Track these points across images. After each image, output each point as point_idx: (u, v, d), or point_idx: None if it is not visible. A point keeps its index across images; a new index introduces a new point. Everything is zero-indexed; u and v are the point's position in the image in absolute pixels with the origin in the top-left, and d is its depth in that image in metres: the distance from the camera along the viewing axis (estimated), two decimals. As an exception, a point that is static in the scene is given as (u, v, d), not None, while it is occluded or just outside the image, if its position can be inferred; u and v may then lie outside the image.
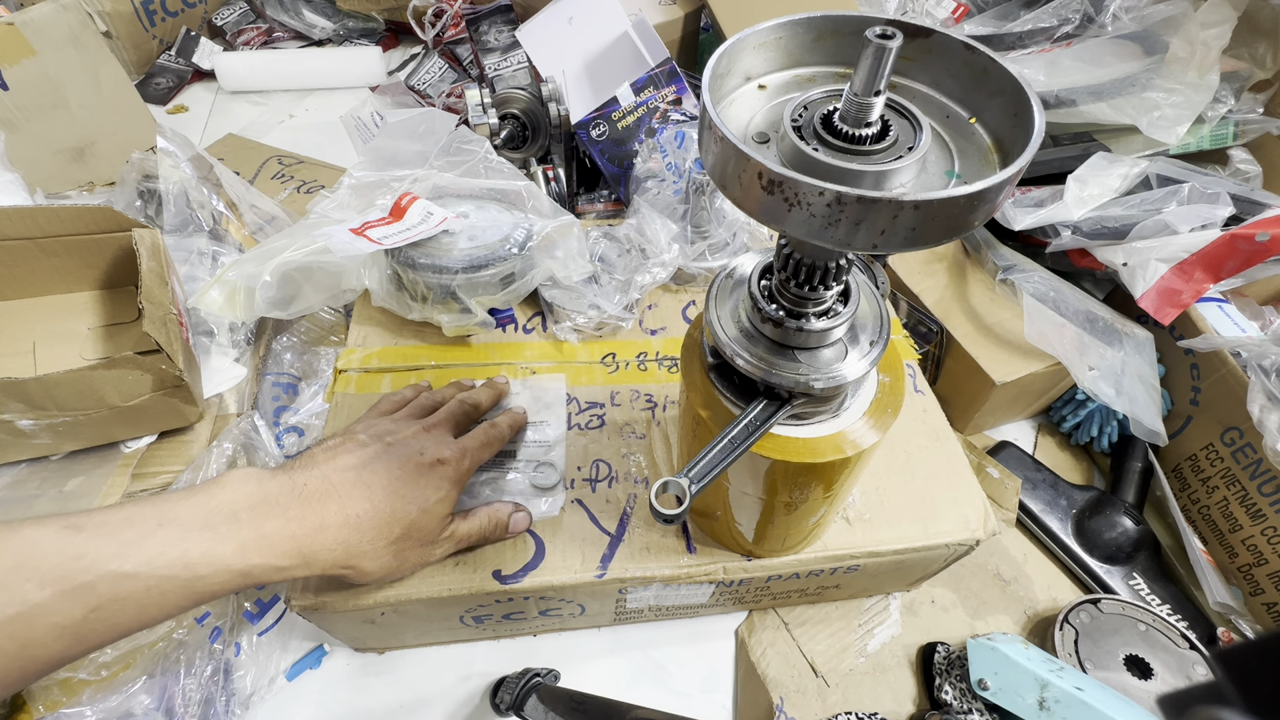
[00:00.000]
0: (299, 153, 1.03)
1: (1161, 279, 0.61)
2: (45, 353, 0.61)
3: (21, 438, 0.49)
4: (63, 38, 0.85)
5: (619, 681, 0.58)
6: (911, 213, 0.22)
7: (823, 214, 0.22)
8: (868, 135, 0.25)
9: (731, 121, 0.28)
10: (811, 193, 0.22)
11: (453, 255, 0.57)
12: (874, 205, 0.22)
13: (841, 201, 0.22)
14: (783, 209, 0.23)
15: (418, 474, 0.41)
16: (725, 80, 0.28)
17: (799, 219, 0.23)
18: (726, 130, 0.23)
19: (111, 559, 0.28)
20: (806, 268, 0.31)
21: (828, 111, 0.26)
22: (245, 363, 0.65)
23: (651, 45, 0.75)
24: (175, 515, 0.31)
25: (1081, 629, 0.57)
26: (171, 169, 0.72)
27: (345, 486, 0.37)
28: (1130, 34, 0.74)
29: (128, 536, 0.30)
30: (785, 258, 0.32)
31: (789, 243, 0.32)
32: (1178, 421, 0.68)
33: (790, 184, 0.22)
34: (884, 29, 0.23)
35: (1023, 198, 0.70)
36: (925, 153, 0.25)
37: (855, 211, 0.22)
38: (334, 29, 1.25)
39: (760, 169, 0.23)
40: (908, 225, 0.22)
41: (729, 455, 0.33)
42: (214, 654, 0.50)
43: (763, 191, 0.23)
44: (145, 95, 1.11)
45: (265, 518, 0.33)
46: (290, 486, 0.36)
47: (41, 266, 0.61)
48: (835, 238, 0.23)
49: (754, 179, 0.23)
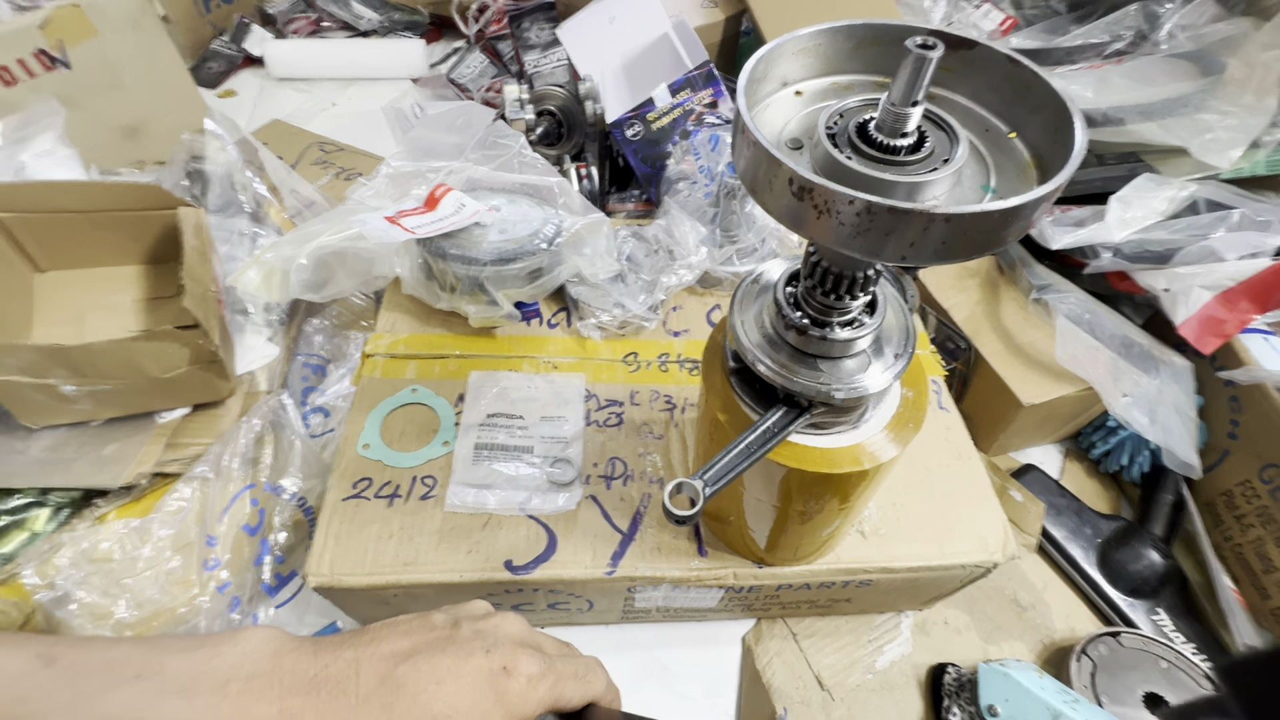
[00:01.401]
0: (340, 140, 1.05)
1: (1204, 307, 0.59)
2: (92, 322, 0.64)
3: (64, 402, 0.51)
4: (123, 20, 0.88)
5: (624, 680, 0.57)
6: (942, 226, 0.21)
7: (852, 223, 0.22)
8: (903, 146, 0.25)
9: (766, 126, 0.28)
10: (841, 201, 0.22)
11: (482, 247, 0.58)
12: (904, 216, 0.21)
13: (871, 211, 0.22)
14: (811, 216, 0.23)
15: (472, 682, 0.29)
16: (762, 85, 0.28)
17: (828, 227, 0.23)
18: (759, 134, 0.23)
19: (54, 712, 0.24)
20: (834, 277, 0.31)
21: (863, 120, 0.26)
22: (277, 342, 0.66)
23: (691, 47, 0.75)
24: (162, 668, 0.26)
25: (1100, 662, 0.56)
26: (218, 151, 0.74)
27: (370, 683, 0.28)
28: (1186, 53, 0.72)
29: (93, 685, 0.25)
30: (813, 265, 0.31)
31: (817, 251, 0.31)
32: (1214, 455, 0.66)
33: (820, 191, 0.22)
34: (925, 39, 0.22)
35: (1062, 216, 0.68)
36: (961, 166, 0.25)
37: (885, 222, 0.22)
38: (380, 21, 1.27)
39: (791, 174, 0.23)
40: (938, 238, 0.22)
41: (745, 460, 0.33)
42: (232, 623, 0.52)
43: (792, 197, 0.23)
44: (197, 79, 1.15)
45: (256, 699, 0.26)
46: (307, 666, 0.28)
47: (92, 239, 0.64)
48: (864, 247, 0.23)
49: (784, 184, 0.23)
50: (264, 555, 0.55)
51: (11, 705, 0.23)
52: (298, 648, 0.28)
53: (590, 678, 0.33)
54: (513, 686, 0.29)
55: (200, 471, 0.53)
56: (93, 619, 0.45)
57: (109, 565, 0.47)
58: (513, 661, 0.30)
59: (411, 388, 0.57)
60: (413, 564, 0.47)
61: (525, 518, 0.50)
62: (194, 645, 0.27)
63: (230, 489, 0.54)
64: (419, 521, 0.49)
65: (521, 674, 0.30)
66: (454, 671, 0.29)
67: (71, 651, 0.25)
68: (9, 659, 0.24)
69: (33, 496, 0.53)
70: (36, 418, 0.53)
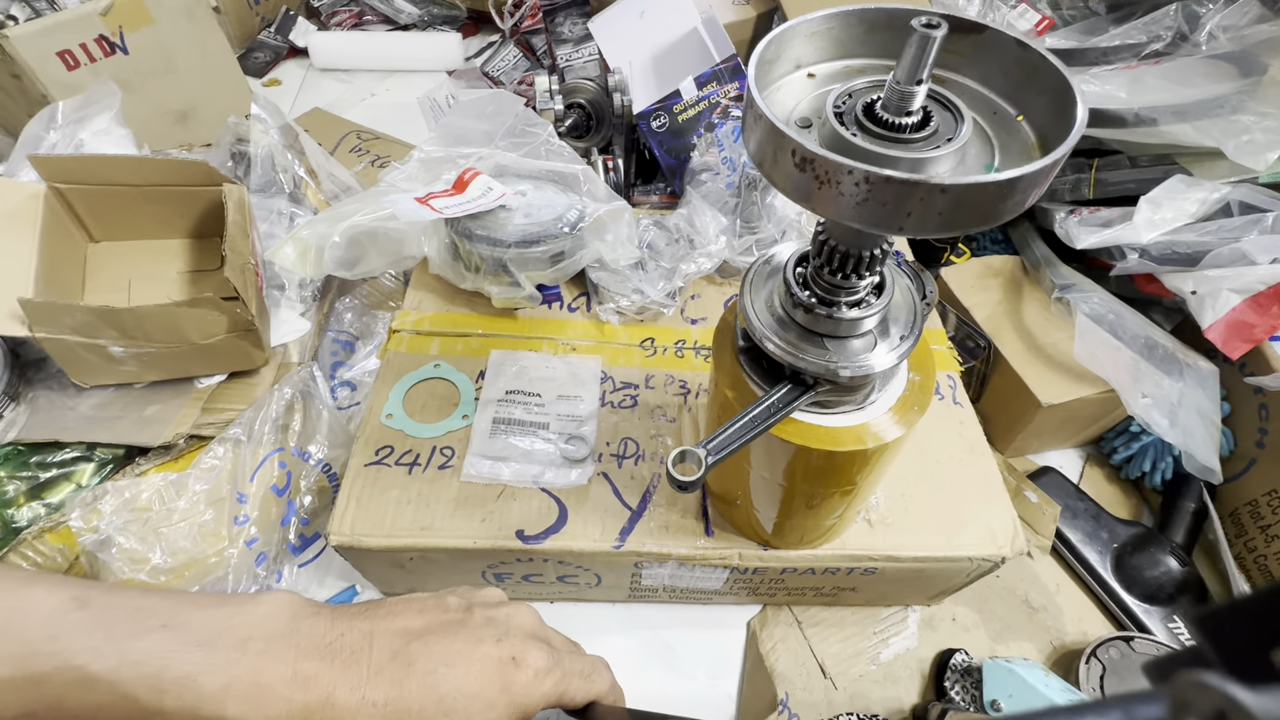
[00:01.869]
0: (376, 129, 1.09)
1: (1233, 310, 0.58)
2: (139, 290, 0.67)
3: (112, 363, 0.55)
4: (179, 9, 0.92)
5: (629, 658, 0.59)
6: (939, 197, 0.22)
7: (851, 193, 0.23)
8: (908, 124, 0.26)
9: (777, 106, 0.29)
10: (840, 171, 0.23)
11: (507, 230, 0.60)
12: (901, 186, 0.22)
13: (869, 181, 0.22)
14: (814, 188, 0.24)
15: (480, 668, 0.29)
16: (774, 66, 0.29)
17: (829, 198, 0.24)
18: (766, 109, 0.25)
19: (83, 653, 0.25)
20: (841, 255, 0.32)
21: (871, 100, 0.27)
22: (310, 317, 0.69)
23: (719, 41, 0.76)
24: (187, 620, 0.27)
25: (1110, 665, 0.55)
26: (261, 135, 0.77)
27: (383, 656, 0.28)
28: (1226, 54, 0.70)
29: (121, 630, 0.26)
30: (821, 244, 0.32)
31: (825, 230, 0.32)
32: (1240, 464, 0.65)
33: (821, 162, 0.23)
34: (929, 19, 0.23)
35: (1089, 217, 0.67)
36: (965, 144, 0.26)
37: (883, 192, 0.23)
38: (419, 15, 1.31)
39: (794, 146, 0.24)
40: (935, 209, 0.23)
41: (748, 433, 0.34)
42: (258, 577, 0.54)
43: (795, 169, 0.24)
44: (244, 68, 1.19)
45: (273, 659, 0.27)
46: (324, 633, 0.28)
47: (144, 212, 0.67)
48: (864, 218, 0.24)
49: (788, 157, 0.24)
50: (290, 516, 0.58)
51: (45, 642, 0.25)
52: (316, 614, 0.29)
53: (595, 677, 0.33)
54: (520, 678, 0.30)
55: (233, 434, 0.56)
56: (131, 563, 0.48)
57: (147, 514, 0.50)
58: (522, 653, 0.30)
59: (434, 363, 0.59)
60: (429, 529, 0.49)
61: (538, 490, 0.52)
62: (218, 603, 0.28)
63: (260, 451, 0.56)
64: (436, 489, 0.51)
65: (530, 666, 0.30)
66: (464, 656, 0.29)
67: (104, 597, 0.26)
68: (47, 598, 0.26)
69: (80, 451, 0.57)
70: (87, 376, 0.56)
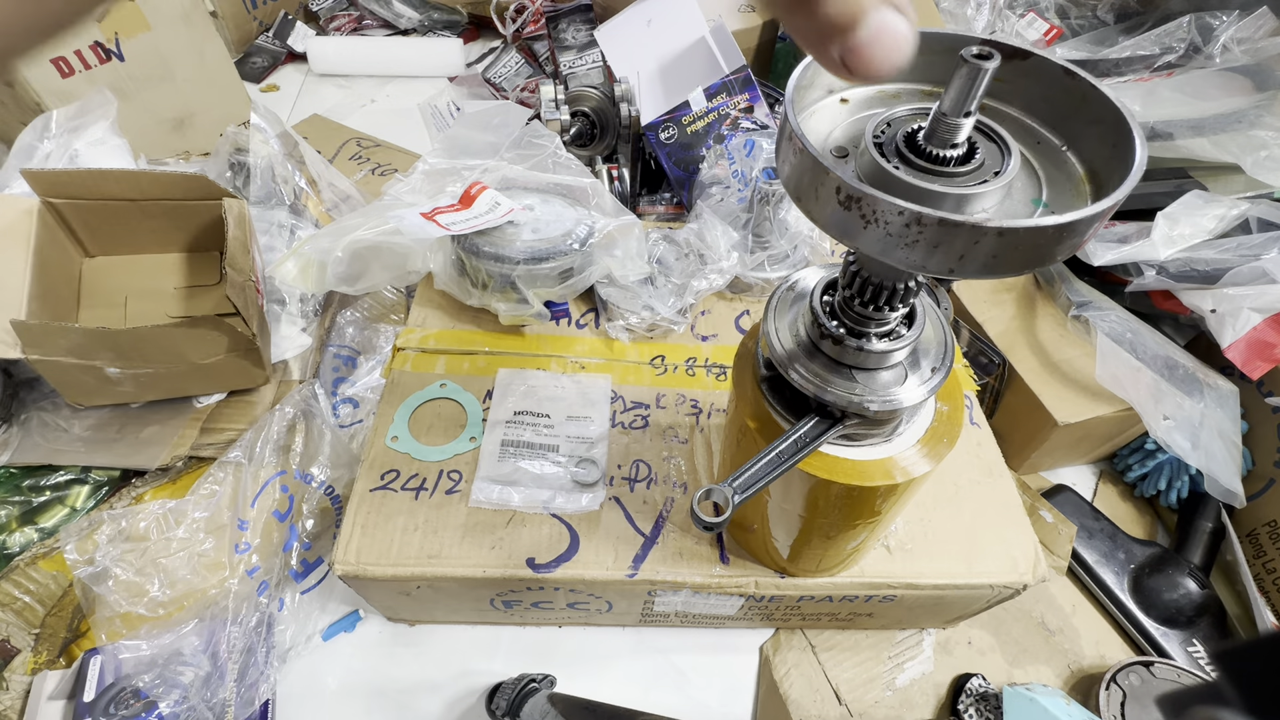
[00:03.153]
0: (377, 136, 1.07)
1: (1253, 330, 0.57)
2: (135, 307, 0.66)
3: (108, 384, 0.53)
4: (175, 15, 0.91)
5: (639, 683, 0.58)
6: (994, 240, 0.21)
7: (900, 234, 0.22)
8: (953, 157, 0.24)
9: (811, 134, 0.28)
10: (890, 211, 0.22)
11: (515, 246, 0.58)
12: (955, 229, 0.21)
13: (921, 222, 0.21)
14: (858, 226, 0.23)
15: None
16: (808, 92, 0.28)
17: (875, 238, 0.23)
18: (807, 142, 0.23)
19: None
20: (874, 287, 0.30)
21: (912, 130, 0.25)
22: (311, 333, 0.68)
23: (728, 52, 0.75)
24: None
25: (1130, 692, 0.54)
26: (261, 144, 0.76)
27: None
28: (1240, 67, 0.69)
29: None
30: (852, 275, 0.31)
31: (858, 260, 0.31)
32: (1258, 483, 0.64)
33: (869, 201, 0.22)
34: (981, 49, 0.22)
35: (1105, 232, 0.66)
36: (1012, 179, 0.24)
37: (934, 234, 0.21)
38: (419, 20, 1.29)
39: (839, 183, 0.22)
40: (988, 252, 0.21)
41: (775, 469, 0.32)
42: (259, 606, 0.53)
43: (839, 207, 0.23)
44: (242, 73, 1.18)
45: None
46: None
47: (139, 227, 0.66)
48: (910, 260, 0.23)
49: (831, 193, 0.23)
50: (292, 541, 0.56)
51: None
52: None
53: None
54: None
55: (234, 457, 0.54)
56: (128, 596, 0.47)
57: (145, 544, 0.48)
58: None
59: (440, 382, 0.57)
60: (437, 557, 0.47)
61: (549, 516, 0.50)
62: None
63: (262, 475, 0.55)
64: (444, 515, 0.50)
65: None
66: None
67: None
68: None
69: (74, 474, 0.55)
70: (82, 397, 0.55)
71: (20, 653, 0.49)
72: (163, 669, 0.47)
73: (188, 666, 0.48)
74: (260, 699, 0.51)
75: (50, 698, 0.47)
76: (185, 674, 0.48)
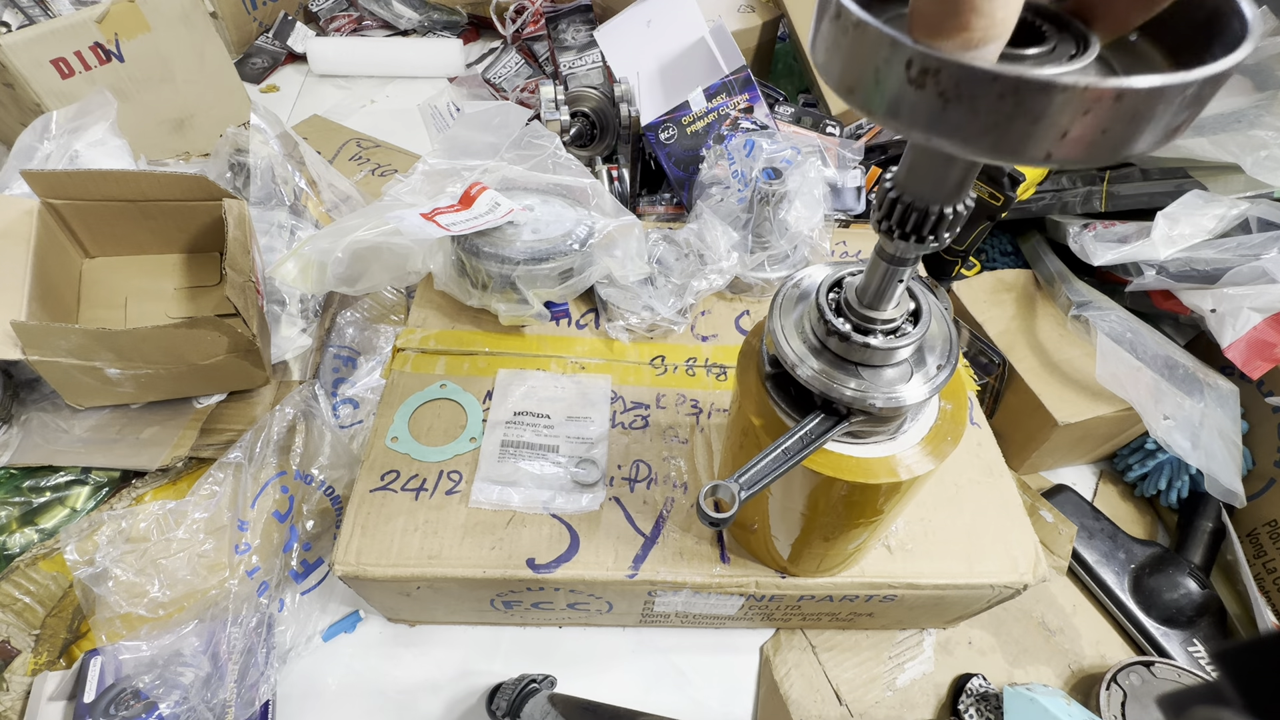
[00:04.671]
0: (377, 137, 1.07)
1: (1254, 329, 0.57)
2: (135, 308, 0.66)
3: (108, 385, 0.53)
4: (175, 16, 0.91)
5: (639, 683, 0.58)
6: (1110, 107, 0.17)
7: (989, 109, 0.18)
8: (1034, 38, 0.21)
9: None
10: (982, 81, 0.18)
11: (515, 246, 0.58)
12: (1064, 94, 0.17)
13: (1019, 91, 0.17)
14: (935, 107, 0.19)
15: None
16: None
17: (955, 118, 0.19)
18: (862, 13, 0.19)
19: None
20: (919, 214, 0.27)
21: None
22: (311, 334, 0.68)
23: (728, 52, 0.75)
24: None
25: (1131, 692, 0.54)
26: (261, 145, 0.76)
27: None
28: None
29: None
30: (891, 203, 0.27)
31: (896, 181, 0.28)
32: (1259, 483, 0.64)
33: (951, 70, 0.18)
34: None
35: (1104, 232, 0.66)
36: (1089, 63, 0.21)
37: (1037, 104, 0.18)
38: (419, 20, 1.29)
39: (911, 54, 0.19)
40: (1097, 127, 0.18)
41: (781, 465, 0.32)
42: (260, 607, 0.53)
43: (909, 86, 0.19)
44: (241, 74, 1.17)
45: None
46: None
47: (139, 227, 0.66)
48: (998, 145, 0.19)
49: (900, 71, 0.19)
50: (292, 541, 0.56)
51: None
52: None
53: None
54: None
55: (234, 457, 0.54)
56: (128, 596, 0.47)
57: (145, 545, 0.48)
58: None
59: (440, 383, 0.57)
60: (437, 557, 0.47)
61: (549, 516, 0.50)
62: None
63: (262, 476, 0.55)
64: (444, 516, 0.50)
65: None
66: None
67: None
68: None
69: (74, 474, 0.55)
70: (82, 398, 0.55)
71: (20, 654, 0.49)
72: (163, 670, 0.47)
73: (188, 667, 0.48)
74: (260, 700, 0.50)
75: (50, 699, 0.47)
76: (185, 675, 0.48)
